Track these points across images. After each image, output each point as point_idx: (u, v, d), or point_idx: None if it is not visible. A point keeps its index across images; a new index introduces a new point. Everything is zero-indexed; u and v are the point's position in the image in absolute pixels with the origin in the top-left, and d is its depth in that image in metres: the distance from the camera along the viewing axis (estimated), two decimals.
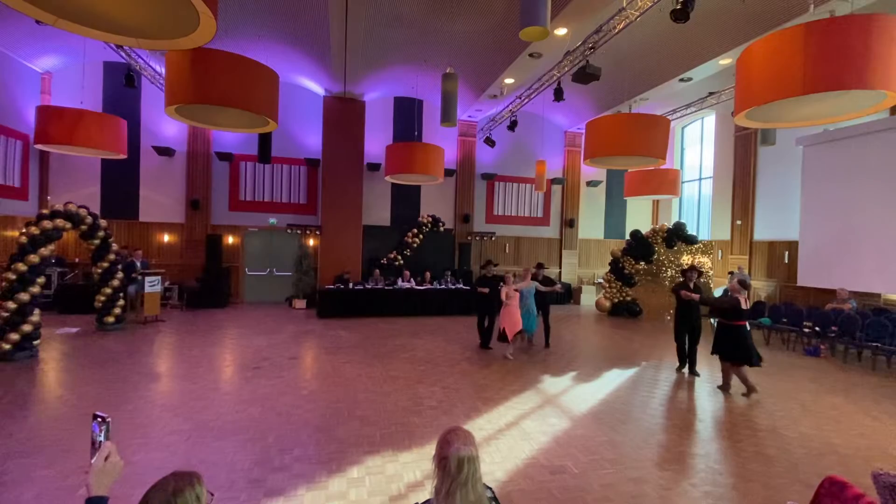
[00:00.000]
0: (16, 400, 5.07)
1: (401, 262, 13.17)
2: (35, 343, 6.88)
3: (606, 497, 3.40)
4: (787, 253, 11.33)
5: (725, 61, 9.56)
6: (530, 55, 9.53)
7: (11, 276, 6.77)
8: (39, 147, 8.77)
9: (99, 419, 1.43)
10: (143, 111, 12.18)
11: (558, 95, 9.65)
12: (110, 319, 8.79)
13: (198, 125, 7.38)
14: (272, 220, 13.19)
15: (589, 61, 8.39)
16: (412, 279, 12.33)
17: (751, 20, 8.06)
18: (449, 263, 13.98)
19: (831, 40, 4.29)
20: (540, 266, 8.80)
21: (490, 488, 1.68)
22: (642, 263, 12.61)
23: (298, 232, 12.77)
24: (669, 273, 12.41)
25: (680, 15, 6.08)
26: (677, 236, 12.12)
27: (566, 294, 14.53)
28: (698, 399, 5.82)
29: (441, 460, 1.56)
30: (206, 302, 11.75)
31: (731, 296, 6.04)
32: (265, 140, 11.04)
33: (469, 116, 14.16)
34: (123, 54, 9.67)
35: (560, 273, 15.51)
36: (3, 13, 8.64)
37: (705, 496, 3.46)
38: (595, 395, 5.76)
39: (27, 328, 6.72)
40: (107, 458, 1.38)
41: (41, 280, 7.09)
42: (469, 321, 9.92)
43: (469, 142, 14.69)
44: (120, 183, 12.11)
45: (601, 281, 14.07)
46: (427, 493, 1.70)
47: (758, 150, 12.26)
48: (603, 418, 5.01)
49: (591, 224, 16.30)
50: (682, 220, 13.32)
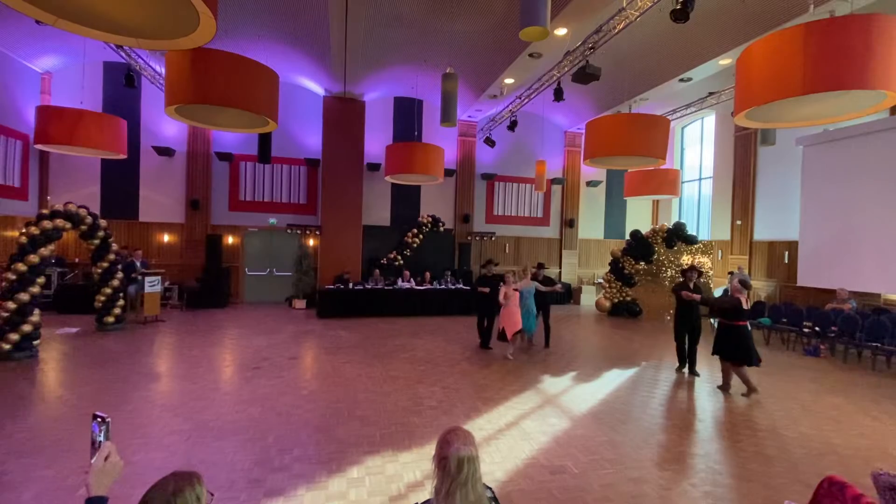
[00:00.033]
0: (16, 400, 5.07)
1: (401, 262, 13.17)
2: (35, 343, 6.88)
3: (606, 497, 3.40)
4: (787, 253, 11.33)
5: (725, 61, 9.56)
6: (530, 55, 9.53)
7: (11, 276, 6.77)
8: (39, 147, 8.78)
9: (99, 419, 1.43)
10: (143, 111, 12.18)
11: (558, 95, 9.65)
12: (110, 319, 8.79)
13: (198, 125, 7.39)
14: (272, 220, 13.20)
15: (589, 61, 8.40)
16: (412, 279, 12.33)
17: (751, 20, 8.06)
18: (449, 263, 13.98)
19: (831, 40, 4.29)
20: (540, 266, 8.81)
21: (490, 488, 1.68)
22: (642, 263, 12.61)
23: (298, 232, 12.77)
24: (669, 273, 12.41)
25: (680, 15, 6.08)
26: (677, 236, 12.12)
27: (566, 294, 14.53)
28: (698, 399, 5.83)
29: (441, 460, 1.56)
30: (206, 302, 11.76)
31: (733, 296, 6.04)
32: (265, 140, 11.04)
33: (469, 116, 14.16)
34: (123, 54, 9.67)
35: (560, 273, 15.51)
36: (3, 13, 8.64)
37: (705, 496, 3.46)
38: (595, 395, 5.77)
39: (27, 328, 6.72)
40: (106, 458, 1.38)
41: (41, 280, 7.10)
42: (469, 321, 9.92)
43: (469, 142, 14.69)
44: (120, 183, 12.11)
45: (601, 281, 14.07)
46: (427, 493, 1.70)
47: (758, 150, 12.26)
48: (603, 418, 5.01)
49: (591, 224, 16.30)
50: (682, 221, 13.32)
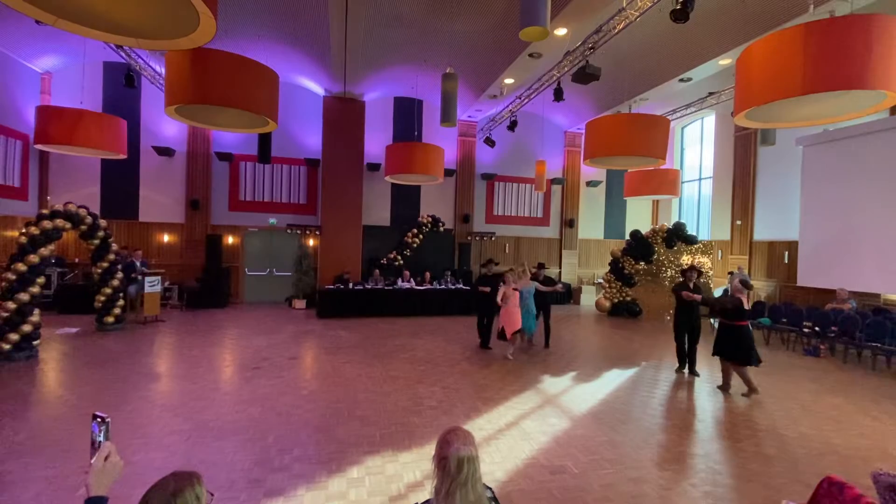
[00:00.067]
0: (16, 400, 5.07)
1: (401, 263, 13.16)
2: (35, 343, 6.88)
3: (606, 497, 3.40)
4: (787, 253, 11.33)
5: (725, 61, 9.56)
6: (530, 55, 9.53)
7: (11, 276, 6.77)
8: (39, 147, 8.78)
9: (98, 419, 1.43)
10: (143, 111, 12.18)
11: (558, 95, 9.65)
12: (110, 319, 8.79)
13: (198, 125, 7.39)
14: (272, 220, 13.20)
15: (589, 61, 8.39)
16: (412, 279, 12.33)
17: (751, 20, 8.06)
18: (449, 263, 13.98)
19: (831, 40, 4.29)
20: (541, 266, 8.81)
21: (490, 488, 1.68)
22: (642, 263, 12.61)
23: (298, 232, 12.77)
24: (669, 273, 12.41)
25: (680, 15, 6.08)
26: (677, 236, 12.12)
27: (566, 294, 14.54)
28: (698, 399, 5.83)
29: (441, 460, 1.56)
30: (206, 302, 11.75)
31: (735, 296, 6.04)
32: (265, 140, 11.04)
33: (469, 116, 14.16)
34: (123, 54, 9.66)
35: (560, 273, 15.51)
36: (3, 13, 8.64)
37: (705, 496, 3.46)
38: (595, 395, 5.77)
39: (27, 328, 6.71)
40: (106, 459, 1.38)
41: (41, 280, 7.09)
42: (469, 321, 9.92)
43: (469, 142, 14.69)
44: (120, 183, 12.11)
45: (601, 281, 14.07)
46: (427, 494, 1.70)
47: (758, 150, 12.26)
48: (603, 418, 5.01)
49: (591, 224, 16.30)
50: (682, 221, 13.31)
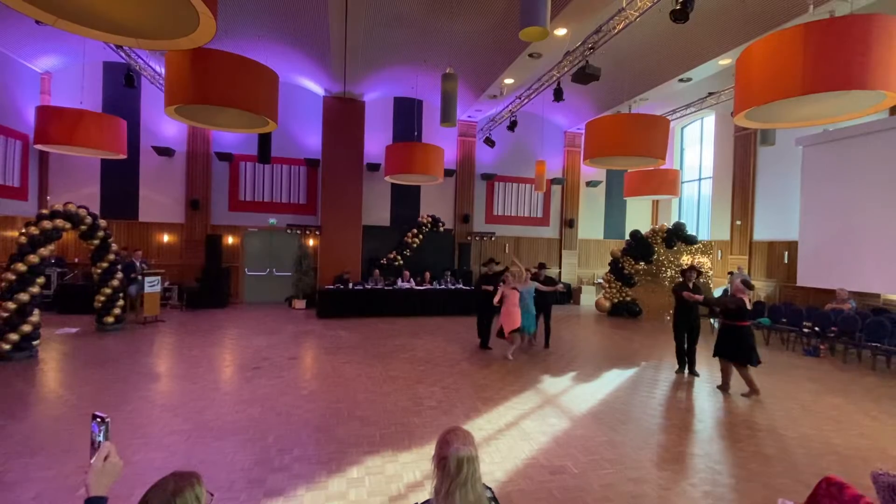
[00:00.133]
0: (15, 400, 5.07)
1: (400, 263, 13.16)
2: (35, 343, 6.88)
3: (606, 497, 3.40)
4: (787, 253, 11.33)
5: (725, 61, 9.56)
6: (530, 55, 9.53)
7: (11, 277, 6.77)
8: (39, 147, 8.77)
9: (98, 419, 1.42)
10: (143, 111, 12.18)
11: (558, 96, 9.65)
12: (110, 320, 8.79)
13: (198, 125, 7.39)
14: (272, 221, 13.19)
15: (589, 61, 8.39)
16: (412, 279, 12.33)
17: (750, 20, 8.06)
18: (449, 263, 13.98)
19: (831, 40, 4.29)
20: (542, 266, 8.81)
21: (490, 488, 1.68)
22: (642, 263, 12.61)
23: (298, 232, 12.77)
24: (669, 273, 12.41)
25: (679, 15, 6.07)
26: (677, 236, 12.12)
27: (566, 294, 14.54)
28: (698, 399, 5.83)
29: (440, 460, 1.56)
30: (206, 302, 11.75)
31: (737, 296, 6.04)
32: (265, 140, 11.04)
33: (469, 116, 14.16)
34: (123, 54, 9.66)
35: (560, 273, 15.50)
36: (3, 13, 8.63)
37: (705, 496, 3.46)
38: (595, 395, 5.77)
39: (27, 328, 6.72)
40: (106, 459, 1.38)
41: (41, 280, 7.09)
42: (469, 321, 9.92)
43: (469, 142, 14.69)
44: (120, 183, 12.11)
45: (601, 281, 14.08)
46: (427, 494, 1.70)
47: (757, 151, 12.26)
48: (603, 418, 5.01)
49: (591, 224, 16.31)
50: (682, 221, 13.31)
